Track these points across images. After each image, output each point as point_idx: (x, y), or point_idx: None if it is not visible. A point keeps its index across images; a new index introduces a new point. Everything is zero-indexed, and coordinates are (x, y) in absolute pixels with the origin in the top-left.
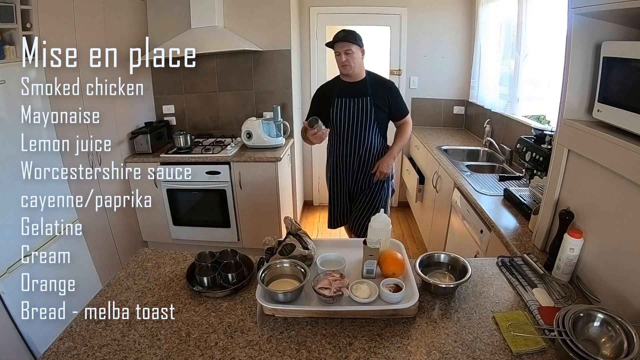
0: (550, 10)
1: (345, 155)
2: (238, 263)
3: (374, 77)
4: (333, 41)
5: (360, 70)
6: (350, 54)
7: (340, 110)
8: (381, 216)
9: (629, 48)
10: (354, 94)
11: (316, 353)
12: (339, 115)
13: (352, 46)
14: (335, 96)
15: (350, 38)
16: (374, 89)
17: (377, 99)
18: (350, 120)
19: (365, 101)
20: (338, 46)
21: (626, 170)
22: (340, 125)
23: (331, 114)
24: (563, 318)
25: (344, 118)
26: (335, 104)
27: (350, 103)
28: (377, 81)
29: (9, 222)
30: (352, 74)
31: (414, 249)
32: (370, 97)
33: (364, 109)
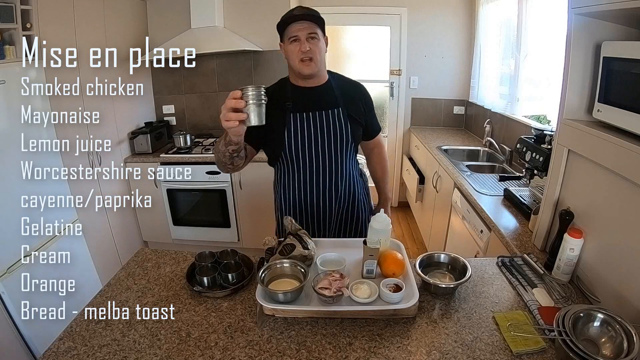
0: (550, 10)
1: (312, 202)
2: (238, 263)
3: (339, 78)
4: (288, 20)
5: (324, 68)
6: (315, 41)
7: (300, 131)
8: (381, 216)
9: (629, 48)
10: (318, 104)
11: (316, 353)
12: (299, 141)
13: (316, 29)
14: (288, 111)
15: (314, 15)
16: (344, 96)
17: (350, 109)
18: (317, 146)
19: (336, 114)
20: (296, 28)
21: (626, 170)
22: (301, 154)
23: (286, 139)
24: (563, 318)
25: (309, 143)
26: (291, 124)
27: (317, 119)
28: (345, 84)
29: (9, 222)
30: (315, 74)
31: (414, 249)
32: (342, 108)
33: (337, 126)
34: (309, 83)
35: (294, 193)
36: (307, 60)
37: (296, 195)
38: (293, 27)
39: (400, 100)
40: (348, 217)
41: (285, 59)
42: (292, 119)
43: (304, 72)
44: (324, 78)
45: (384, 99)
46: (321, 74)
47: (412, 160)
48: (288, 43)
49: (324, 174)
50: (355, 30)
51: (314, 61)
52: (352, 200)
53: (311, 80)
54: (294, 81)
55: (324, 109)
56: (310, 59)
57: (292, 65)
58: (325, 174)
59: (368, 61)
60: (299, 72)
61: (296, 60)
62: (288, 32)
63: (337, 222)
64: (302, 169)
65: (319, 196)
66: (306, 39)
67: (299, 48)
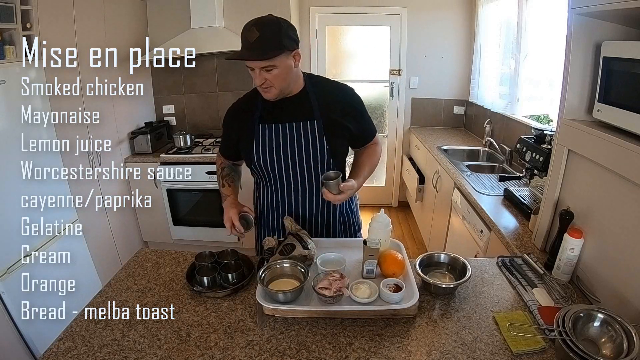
0: (550, 10)
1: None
2: (238, 263)
3: (320, 85)
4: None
5: (295, 82)
6: (272, 71)
7: (268, 144)
8: (381, 216)
9: (629, 48)
10: (290, 115)
11: (316, 353)
12: (267, 154)
13: (272, 62)
14: (256, 121)
15: (266, 48)
16: (323, 105)
17: (329, 120)
18: (287, 160)
19: (309, 126)
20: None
21: (626, 170)
22: (270, 168)
23: (254, 151)
24: (563, 318)
25: (279, 158)
26: (259, 135)
27: (287, 131)
28: (326, 91)
29: (9, 222)
30: (278, 96)
31: (414, 249)
32: (318, 120)
33: (312, 139)
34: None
35: (267, 207)
36: (265, 90)
37: (270, 209)
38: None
39: (400, 100)
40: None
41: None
42: (261, 130)
43: (266, 97)
44: (298, 87)
45: (384, 99)
46: (290, 89)
47: (412, 160)
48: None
49: (296, 189)
50: (355, 30)
51: (273, 88)
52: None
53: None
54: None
55: (296, 120)
56: (269, 87)
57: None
58: (298, 188)
59: (368, 61)
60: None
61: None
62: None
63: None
64: (274, 182)
65: (293, 212)
66: (261, 70)
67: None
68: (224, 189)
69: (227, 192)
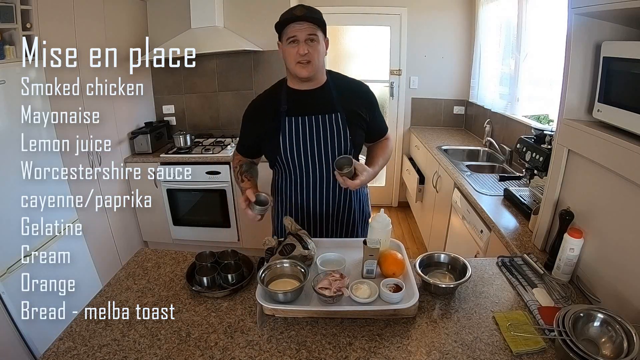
0: (550, 10)
1: (308, 207)
2: (238, 264)
3: (339, 79)
4: (287, 20)
5: (322, 70)
6: (314, 44)
7: (295, 136)
8: (381, 216)
9: (629, 48)
10: (315, 108)
11: (316, 353)
12: (294, 146)
13: (317, 30)
14: (283, 114)
15: (315, 17)
16: (343, 98)
17: (350, 112)
18: (312, 151)
19: (334, 118)
20: (295, 29)
21: (626, 170)
22: (297, 159)
23: (280, 144)
24: (563, 318)
25: (305, 149)
26: (285, 127)
27: (313, 123)
28: (345, 85)
29: (9, 222)
30: (312, 77)
31: (414, 249)
32: (340, 113)
33: (336, 131)
34: (305, 86)
35: (289, 196)
36: (304, 62)
37: (292, 198)
38: (292, 27)
39: (400, 100)
40: (342, 224)
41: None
42: (287, 123)
43: (301, 74)
44: (322, 80)
45: (384, 99)
46: (319, 76)
47: (412, 160)
48: (286, 44)
49: (320, 179)
50: (356, 30)
51: (311, 64)
52: (348, 209)
53: (308, 82)
54: (290, 84)
55: (321, 113)
56: (307, 62)
57: (289, 67)
58: (322, 179)
59: (368, 61)
60: (295, 74)
61: (293, 63)
62: (286, 32)
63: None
64: (298, 173)
65: (314, 201)
66: (305, 41)
67: (296, 50)
68: (243, 184)
69: (246, 185)
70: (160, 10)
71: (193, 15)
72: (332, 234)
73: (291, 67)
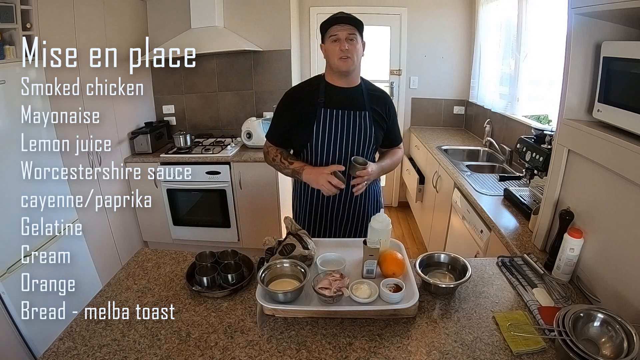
0: (550, 10)
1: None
2: (238, 264)
3: (369, 85)
4: (330, 22)
5: (359, 72)
6: (353, 42)
7: (328, 126)
8: (381, 216)
9: (629, 48)
10: (349, 104)
11: (316, 353)
12: (326, 135)
13: (356, 31)
14: (320, 105)
15: (356, 21)
16: (371, 102)
17: (376, 114)
18: (341, 142)
19: (363, 116)
20: (336, 29)
21: (626, 170)
22: (326, 148)
23: (314, 132)
24: (563, 318)
25: (335, 139)
26: (320, 117)
27: (345, 117)
28: (374, 92)
29: (9, 222)
30: (351, 73)
31: (414, 249)
32: (369, 112)
33: (363, 127)
34: (343, 83)
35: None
36: (345, 57)
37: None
38: (334, 28)
39: (400, 100)
40: (358, 214)
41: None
42: (323, 114)
43: (342, 68)
44: (357, 81)
45: None
46: (356, 75)
47: (412, 160)
48: (329, 42)
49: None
50: None
51: (351, 59)
52: (364, 198)
53: (346, 80)
54: (329, 79)
55: (353, 109)
56: (347, 57)
57: (331, 63)
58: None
59: (368, 61)
60: (337, 68)
61: (335, 58)
62: (330, 32)
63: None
64: (324, 161)
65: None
66: (345, 39)
67: (338, 47)
68: (294, 165)
69: (298, 164)
70: (160, 10)
71: (193, 15)
72: (348, 222)
73: (334, 62)
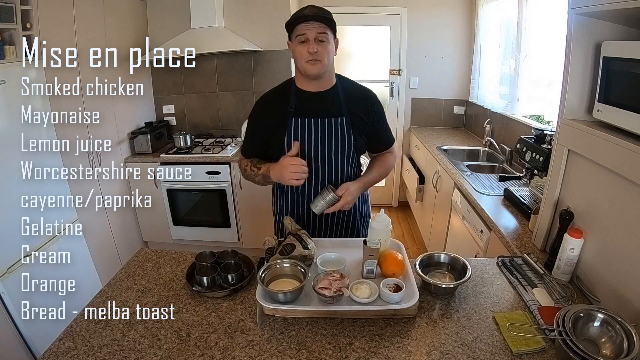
0: (550, 10)
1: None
2: (238, 264)
3: (347, 84)
4: (297, 20)
5: (332, 72)
6: (323, 43)
7: (300, 137)
8: (381, 216)
9: (629, 48)
10: (322, 110)
11: (316, 353)
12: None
13: (327, 30)
14: (290, 114)
15: (325, 17)
16: (349, 102)
17: (355, 117)
18: (316, 153)
19: (339, 122)
20: (304, 27)
21: (626, 170)
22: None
23: (285, 144)
24: (563, 318)
25: (309, 151)
26: (291, 128)
27: (318, 126)
28: (353, 90)
29: (9, 222)
30: (322, 76)
31: (414, 249)
32: (346, 117)
33: (340, 135)
34: (313, 87)
35: (291, 197)
36: (313, 61)
37: (293, 199)
38: (302, 26)
39: (400, 100)
40: (343, 226)
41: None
42: (293, 124)
43: (311, 72)
44: (331, 83)
45: (384, 99)
46: (328, 77)
47: (412, 160)
48: (296, 43)
49: (322, 182)
50: (355, 30)
51: (321, 62)
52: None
53: (317, 83)
54: (299, 84)
55: (327, 116)
56: (317, 60)
57: (299, 66)
58: (324, 181)
59: (368, 61)
60: (305, 72)
61: (302, 61)
62: (297, 31)
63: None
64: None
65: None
66: (314, 40)
67: (306, 49)
68: (262, 169)
69: (265, 167)
70: (160, 10)
71: (193, 15)
72: (333, 235)
73: (301, 65)
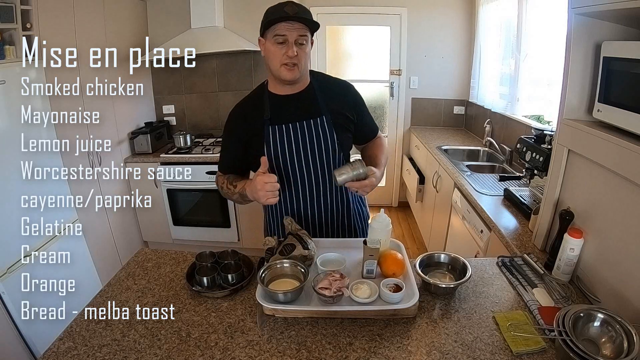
0: (550, 11)
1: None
2: (238, 264)
3: (322, 79)
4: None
5: (306, 74)
6: (303, 46)
7: (280, 145)
8: (381, 216)
9: (629, 48)
10: (299, 113)
11: (316, 353)
12: (280, 156)
13: (307, 32)
14: (266, 122)
15: (307, 18)
16: (328, 100)
17: (336, 114)
18: (300, 158)
19: (319, 123)
20: (285, 27)
21: (626, 170)
22: (283, 169)
23: (265, 154)
24: (563, 318)
25: (292, 158)
26: (269, 136)
27: (297, 130)
28: (330, 86)
29: (9, 222)
30: (297, 81)
31: (414, 249)
32: (327, 116)
33: (322, 136)
34: (288, 90)
35: (281, 205)
36: (290, 65)
37: (285, 207)
38: (282, 26)
39: (400, 100)
40: (343, 228)
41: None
42: (271, 132)
43: (286, 77)
44: (305, 83)
45: (384, 99)
46: (303, 79)
47: (412, 160)
48: (272, 42)
49: (310, 187)
50: (355, 30)
51: (297, 67)
52: (347, 210)
53: (291, 86)
54: (272, 89)
55: (306, 118)
56: (294, 65)
57: (272, 68)
58: (312, 186)
59: (368, 61)
60: (279, 76)
61: (278, 64)
62: (275, 30)
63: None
64: (287, 183)
65: (308, 209)
66: (295, 42)
67: (284, 51)
68: (238, 187)
69: (241, 185)
70: (160, 10)
71: (193, 15)
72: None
73: (275, 68)
